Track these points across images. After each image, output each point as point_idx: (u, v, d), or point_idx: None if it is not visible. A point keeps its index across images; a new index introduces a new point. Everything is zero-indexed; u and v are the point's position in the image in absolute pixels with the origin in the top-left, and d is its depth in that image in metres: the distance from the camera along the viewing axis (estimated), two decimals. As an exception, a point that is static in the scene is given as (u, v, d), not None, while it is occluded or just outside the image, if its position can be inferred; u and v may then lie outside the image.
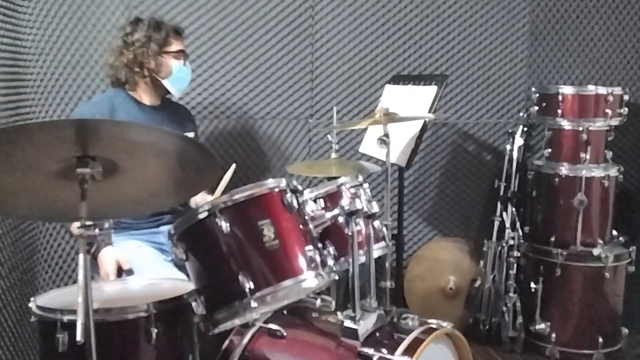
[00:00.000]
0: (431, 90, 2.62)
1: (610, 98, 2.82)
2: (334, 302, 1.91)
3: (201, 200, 2.41)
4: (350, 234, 1.72)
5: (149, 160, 1.51)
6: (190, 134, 2.54)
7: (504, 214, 3.09)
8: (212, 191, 2.41)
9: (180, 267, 2.12)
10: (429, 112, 2.57)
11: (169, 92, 2.47)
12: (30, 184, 1.49)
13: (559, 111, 2.87)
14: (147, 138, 1.46)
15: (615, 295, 2.91)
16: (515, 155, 3.15)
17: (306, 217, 1.78)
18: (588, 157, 2.85)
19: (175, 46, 2.42)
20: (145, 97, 2.44)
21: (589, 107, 2.86)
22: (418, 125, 2.58)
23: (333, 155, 2.57)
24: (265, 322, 1.83)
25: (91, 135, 1.38)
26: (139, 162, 1.50)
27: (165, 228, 2.40)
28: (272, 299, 1.64)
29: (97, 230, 1.40)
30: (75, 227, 1.47)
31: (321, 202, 1.90)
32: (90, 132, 1.38)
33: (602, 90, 2.85)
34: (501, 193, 3.13)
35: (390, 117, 2.23)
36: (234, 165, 2.43)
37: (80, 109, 2.59)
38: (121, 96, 2.41)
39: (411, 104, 2.69)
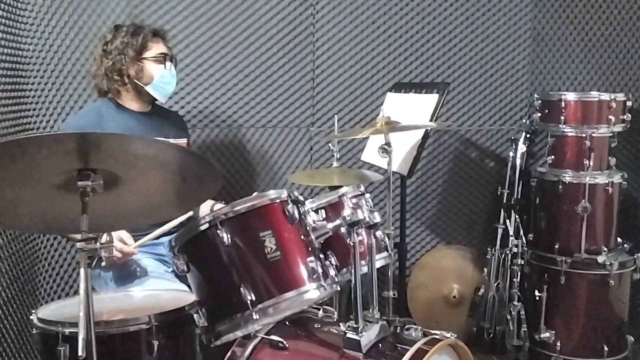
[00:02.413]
0: (433, 99, 2.61)
1: (613, 104, 2.81)
2: (336, 313, 1.91)
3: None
4: (352, 244, 1.71)
5: (150, 172, 1.51)
6: (182, 140, 2.53)
7: (507, 221, 3.07)
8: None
9: (182, 278, 2.11)
10: (431, 120, 2.56)
11: (155, 99, 2.47)
12: (32, 196, 1.49)
13: (562, 118, 2.86)
14: (148, 150, 1.46)
15: (620, 302, 2.89)
16: (518, 162, 3.14)
17: (308, 228, 1.77)
18: (591, 163, 2.84)
19: (155, 50, 2.39)
20: (133, 104, 2.43)
21: (592, 113, 2.84)
22: (420, 133, 2.57)
23: (334, 164, 2.56)
24: (267, 333, 1.81)
25: (92, 148, 1.38)
26: (140, 174, 1.50)
27: (165, 239, 2.38)
28: (274, 311, 1.64)
29: (98, 244, 1.40)
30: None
31: (323, 212, 1.90)
32: (91, 145, 1.38)
33: (605, 96, 2.84)
34: (504, 200, 3.12)
35: (392, 126, 2.22)
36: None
37: (67, 122, 2.60)
38: (109, 105, 2.41)
39: (413, 112, 2.68)
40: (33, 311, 1.70)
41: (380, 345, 1.74)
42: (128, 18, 2.85)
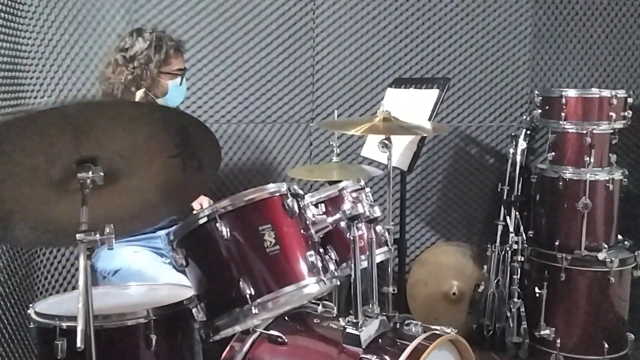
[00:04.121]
0: (433, 94, 2.61)
1: (614, 101, 2.81)
2: (335, 308, 1.90)
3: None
4: (352, 238, 1.70)
5: (151, 161, 1.48)
6: None
7: (508, 218, 3.07)
8: None
9: (180, 270, 2.10)
10: (431, 115, 2.55)
11: None
12: (30, 196, 1.45)
13: (563, 114, 2.85)
14: (148, 114, 1.42)
15: (620, 300, 2.88)
16: (518, 158, 3.14)
17: (307, 222, 1.76)
18: (592, 160, 2.83)
19: (174, 65, 2.38)
20: None
21: (592, 110, 2.84)
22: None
23: (334, 159, 2.56)
24: (266, 328, 1.80)
25: (89, 119, 1.34)
26: (141, 162, 1.47)
27: (162, 232, 2.38)
28: (273, 305, 1.63)
29: (97, 236, 1.38)
30: None
31: (322, 206, 1.89)
32: (89, 115, 1.34)
33: (605, 93, 2.83)
34: (504, 197, 3.12)
35: (392, 123, 2.21)
36: None
37: None
38: None
39: (413, 107, 2.67)
40: (31, 305, 1.69)
41: (380, 340, 1.72)
42: (127, 13, 2.84)
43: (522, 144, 3.14)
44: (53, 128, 1.31)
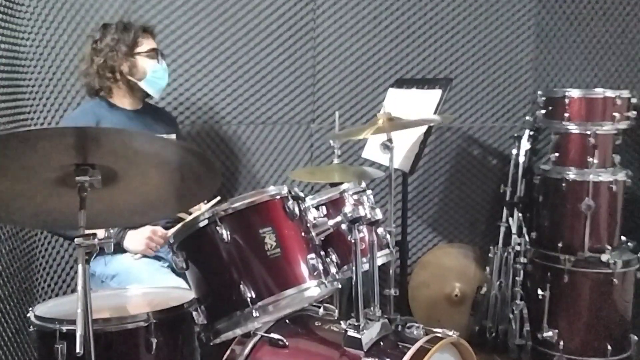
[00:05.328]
0: (435, 94, 2.59)
1: (618, 101, 2.79)
2: (337, 311, 1.89)
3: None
4: (353, 241, 1.69)
5: (149, 169, 1.49)
6: (172, 136, 2.53)
7: (510, 219, 3.06)
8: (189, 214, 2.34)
9: (179, 274, 2.10)
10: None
11: (147, 95, 2.49)
12: (27, 191, 1.46)
13: (566, 115, 2.84)
14: (150, 147, 1.44)
15: (624, 301, 2.86)
16: (521, 159, 3.12)
17: (308, 225, 1.76)
18: (595, 161, 2.81)
19: (145, 45, 2.42)
20: (125, 101, 2.45)
21: (596, 110, 2.82)
22: (422, 129, 2.55)
23: (335, 161, 2.54)
24: (267, 331, 1.79)
25: (92, 143, 1.36)
26: (139, 171, 1.48)
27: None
28: (274, 309, 1.63)
29: (96, 240, 1.37)
30: None
31: (323, 209, 1.88)
32: (92, 140, 1.36)
33: (609, 93, 2.82)
34: (507, 198, 3.11)
35: (394, 122, 2.20)
36: (217, 199, 2.26)
37: (65, 122, 2.60)
38: (102, 105, 2.42)
39: (415, 108, 2.66)
40: (30, 309, 1.68)
41: (381, 343, 1.72)
42: (126, 13, 2.83)
43: (525, 145, 3.13)
44: (53, 146, 1.32)
